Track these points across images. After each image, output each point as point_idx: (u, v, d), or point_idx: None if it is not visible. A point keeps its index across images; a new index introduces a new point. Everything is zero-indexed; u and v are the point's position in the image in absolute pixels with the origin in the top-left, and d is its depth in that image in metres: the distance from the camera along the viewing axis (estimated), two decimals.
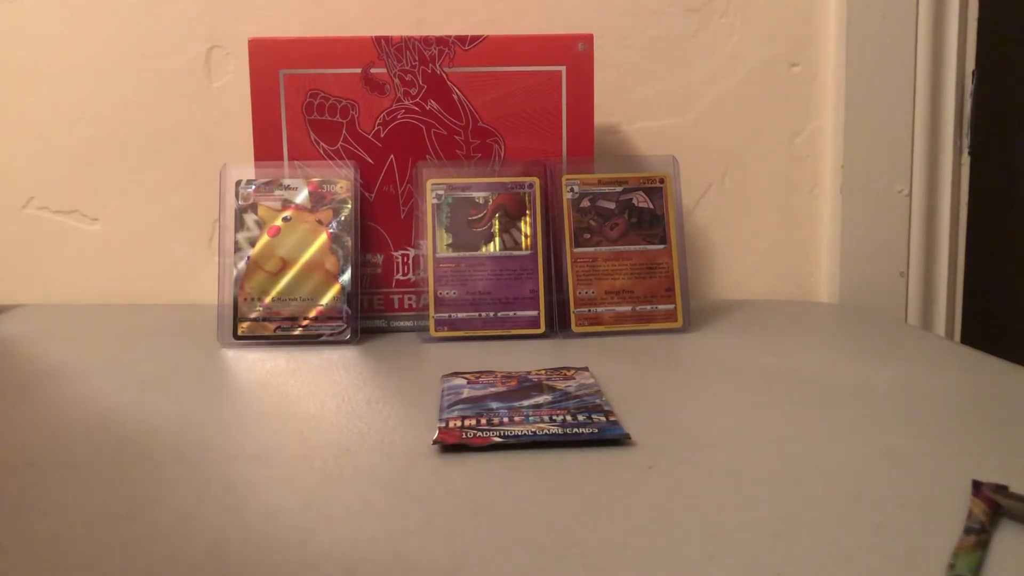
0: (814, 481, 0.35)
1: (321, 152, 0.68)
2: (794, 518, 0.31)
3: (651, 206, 0.68)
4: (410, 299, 0.69)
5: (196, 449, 0.39)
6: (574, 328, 0.66)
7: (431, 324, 0.65)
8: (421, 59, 0.68)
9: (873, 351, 0.59)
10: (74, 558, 0.28)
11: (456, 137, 0.69)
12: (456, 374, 0.52)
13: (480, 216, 0.66)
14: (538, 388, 0.48)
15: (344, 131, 0.68)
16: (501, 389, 0.47)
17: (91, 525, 0.30)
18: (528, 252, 0.66)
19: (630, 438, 0.41)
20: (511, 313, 0.65)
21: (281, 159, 0.68)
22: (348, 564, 0.27)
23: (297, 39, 0.70)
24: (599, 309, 0.66)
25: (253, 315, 0.63)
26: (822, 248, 0.86)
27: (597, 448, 0.39)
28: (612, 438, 0.40)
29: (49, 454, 0.39)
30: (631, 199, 0.68)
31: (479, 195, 0.67)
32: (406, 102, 0.68)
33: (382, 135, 0.68)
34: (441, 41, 0.68)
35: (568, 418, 0.42)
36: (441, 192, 0.67)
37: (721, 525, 0.30)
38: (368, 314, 0.68)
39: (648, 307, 0.66)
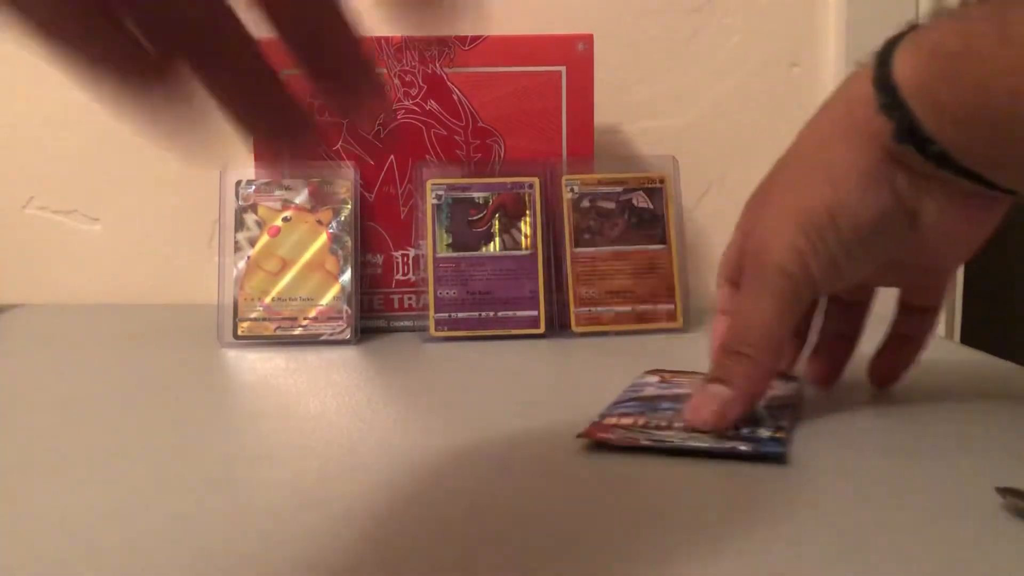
0: (813, 481, 0.35)
1: (321, 152, 0.68)
2: (793, 517, 0.31)
3: (651, 206, 0.68)
4: (410, 299, 0.69)
5: (196, 449, 0.39)
6: (574, 328, 0.66)
7: (431, 324, 0.65)
8: (421, 59, 0.68)
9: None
10: (74, 558, 0.28)
11: (456, 137, 0.69)
12: (656, 371, 0.49)
13: (480, 216, 0.67)
14: None
15: (344, 131, 0.68)
16: (685, 391, 0.44)
17: (90, 525, 0.31)
18: (528, 252, 0.66)
19: (786, 458, 0.37)
20: (511, 313, 0.65)
21: (281, 159, 0.68)
22: (348, 564, 0.27)
23: None
24: (599, 309, 0.66)
25: (253, 315, 0.63)
26: None
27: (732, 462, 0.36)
28: (766, 456, 0.36)
29: (48, 454, 0.39)
30: (631, 199, 0.68)
31: (479, 195, 0.67)
32: (406, 102, 0.68)
33: (382, 135, 0.69)
34: (441, 41, 0.68)
35: (731, 429, 0.38)
36: (441, 192, 0.67)
37: (720, 525, 0.30)
38: (368, 314, 0.68)
39: (648, 307, 0.66)
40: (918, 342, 0.46)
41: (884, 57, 0.38)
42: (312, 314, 0.64)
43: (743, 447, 0.37)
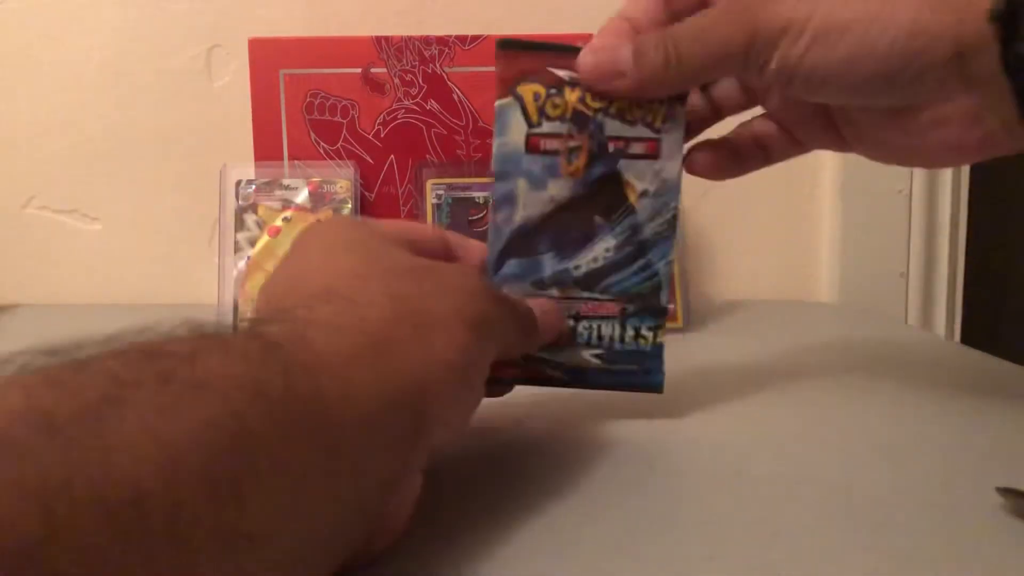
0: (813, 481, 0.35)
1: (321, 152, 0.68)
2: (793, 518, 0.31)
3: None
4: None
5: None
6: None
7: None
8: (421, 59, 0.68)
9: (873, 351, 0.59)
10: None
11: (456, 137, 0.69)
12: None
13: (480, 216, 0.67)
14: (609, 202, 0.39)
15: (344, 131, 0.68)
16: (561, 204, 0.39)
17: None
18: None
19: (662, 389, 0.41)
20: None
21: (281, 159, 0.68)
22: None
23: (297, 39, 0.70)
24: None
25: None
26: (822, 248, 0.86)
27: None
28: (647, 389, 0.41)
29: None
30: None
31: (479, 195, 0.67)
32: (406, 102, 0.68)
33: (382, 135, 0.69)
34: (441, 41, 0.68)
35: (616, 331, 0.39)
36: (441, 192, 0.67)
37: (720, 525, 0.30)
38: None
39: None
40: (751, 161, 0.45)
41: None
42: None
43: (630, 367, 0.40)
